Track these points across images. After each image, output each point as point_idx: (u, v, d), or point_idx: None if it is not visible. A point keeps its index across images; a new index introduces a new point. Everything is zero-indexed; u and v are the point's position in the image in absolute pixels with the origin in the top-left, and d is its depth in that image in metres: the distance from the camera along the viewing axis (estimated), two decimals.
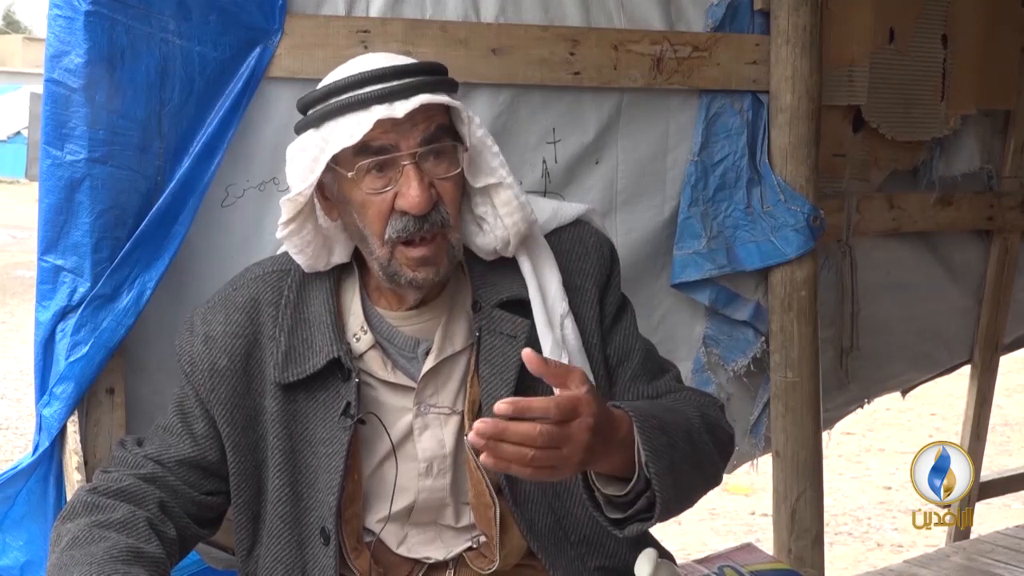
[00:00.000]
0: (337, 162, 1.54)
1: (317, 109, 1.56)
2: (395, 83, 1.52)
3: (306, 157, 1.55)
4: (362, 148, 1.51)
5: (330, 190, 1.59)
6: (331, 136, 1.53)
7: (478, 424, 1.29)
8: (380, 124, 1.50)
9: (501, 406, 1.29)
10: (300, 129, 1.59)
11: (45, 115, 1.83)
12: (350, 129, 1.51)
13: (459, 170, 1.57)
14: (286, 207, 1.58)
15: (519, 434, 1.30)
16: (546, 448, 1.31)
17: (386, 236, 1.54)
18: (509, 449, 1.30)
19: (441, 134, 1.55)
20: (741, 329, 2.57)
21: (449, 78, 1.60)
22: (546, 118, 2.28)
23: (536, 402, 1.32)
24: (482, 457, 1.32)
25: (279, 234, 1.61)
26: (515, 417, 1.30)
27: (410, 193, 1.51)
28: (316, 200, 1.61)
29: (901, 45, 2.82)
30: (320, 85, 1.60)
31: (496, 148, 1.62)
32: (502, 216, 1.62)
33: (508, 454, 1.30)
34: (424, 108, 1.51)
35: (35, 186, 2.02)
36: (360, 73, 1.54)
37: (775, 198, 2.49)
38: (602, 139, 2.35)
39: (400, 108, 1.50)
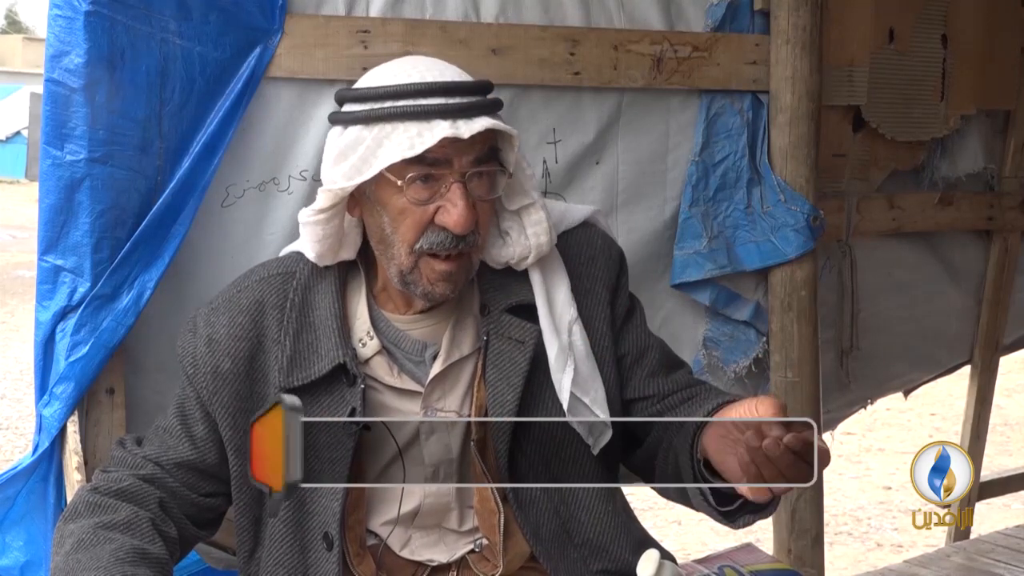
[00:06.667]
0: (385, 167, 1.51)
1: (370, 107, 1.52)
2: (458, 100, 1.51)
3: (355, 156, 1.52)
4: (416, 158, 1.50)
5: (360, 189, 1.57)
6: (386, 140, 1.50)
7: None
8: (442, 140, 1.48)
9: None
10: (343, 121, 1.55)
11: (45, 115, 1.83)
12: (411, 140, 1.49)
13: (498, 195, 1.58)
14: (324, 196, 1.56)
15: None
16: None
17: (417, 246, 1.53)
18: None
19: (491, 156, 1.55)
20: (743, 330, 2.57)
21: (499, 99, 1.60)
22: (546, 118, 2.28)
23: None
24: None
25: (304, 218, 1.59)
26: None
27: (456, 212, 1.50)
28: None
29: (901, 45, 2.82)
30: (367, 83, 1.57)
31: (531, 171, 1.62)
32: (529, 236, 1.62)
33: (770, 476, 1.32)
34: (482, 131, 1.50)
35: (35, 186, 2.02)
36: (424, 83, 1.52)
37: (775, 198, 2.49)
38: (602, 139, 2.35)
39: (465, 129, 1.49)
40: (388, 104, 1.52)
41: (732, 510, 1.48)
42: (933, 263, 3.04)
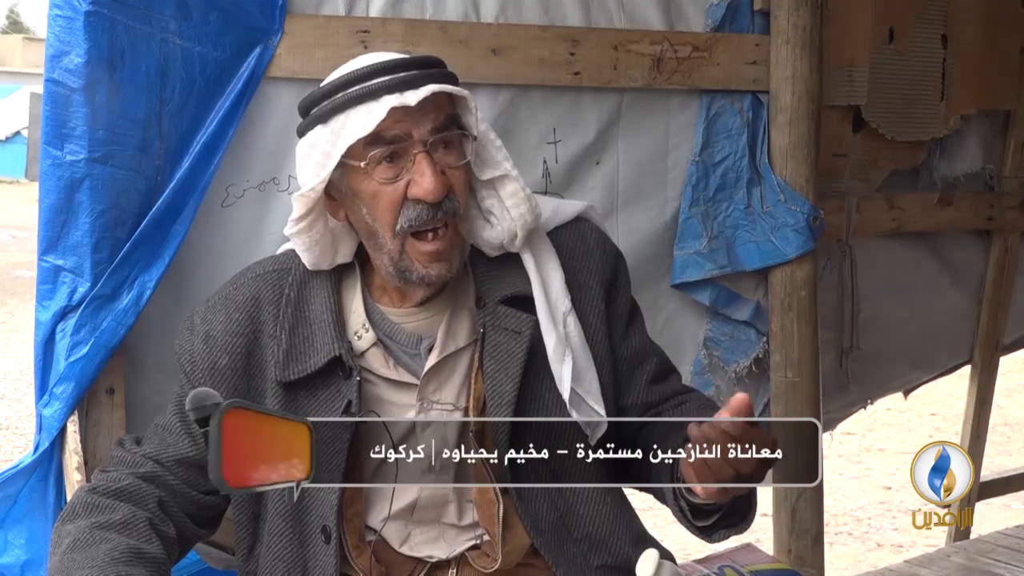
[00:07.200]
0: (348, 155, 1.54)
1: (324, 104, 1.56)
2: (403, 74, 1.54)
3: (317, 152, 1.56)
4: (374, 138, 1.53)
5: (337, 188, 1.59)
6: (342, 129, 1.54)
7: (707, 428, 1.37)
8: (393, 113, 1.51)
9: (730, 427, 1.36)
10: (307, 127, 1.59)
11: (45, 115, 1.83)
12: (363, 120, 1.52)
13: (468, 160, 1.59)
14: (298, 203, 1.59)
15: (736, 461, 1.37)
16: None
17: (398, 227, 1.55)
18: (717, 462, 1.37)
19: (450, 124, 1.57)
20: (743, 330, 2.57)
21: (451, 71, 1.62)
22: (546, 118, 2.28)
23: (756, 435, 1.38)
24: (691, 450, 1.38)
25: (288, 231, 1.61)
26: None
27: (424, 181, 1.52)
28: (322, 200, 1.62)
29: (901, 45, 2.82)
30: (321, 86, 1.60)
31: (499, 142, 1.64)
32: (509, 208, 1.64)
33: (713, 463, 1.37)
34: (434, 98, 1.53)
35: (35, 186, 2.02)
36: (368, 66, 1.56)
37: (775, 198, 2.49)
38: (602, 139, 2.35)
39: (412, 97, 1.51)
40: (339, 95, 1.55)
41: (708, 525, 1.53)
42: (933, 263, 3.04)
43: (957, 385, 3.90)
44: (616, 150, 2.38)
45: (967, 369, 3.32)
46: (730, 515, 1.52)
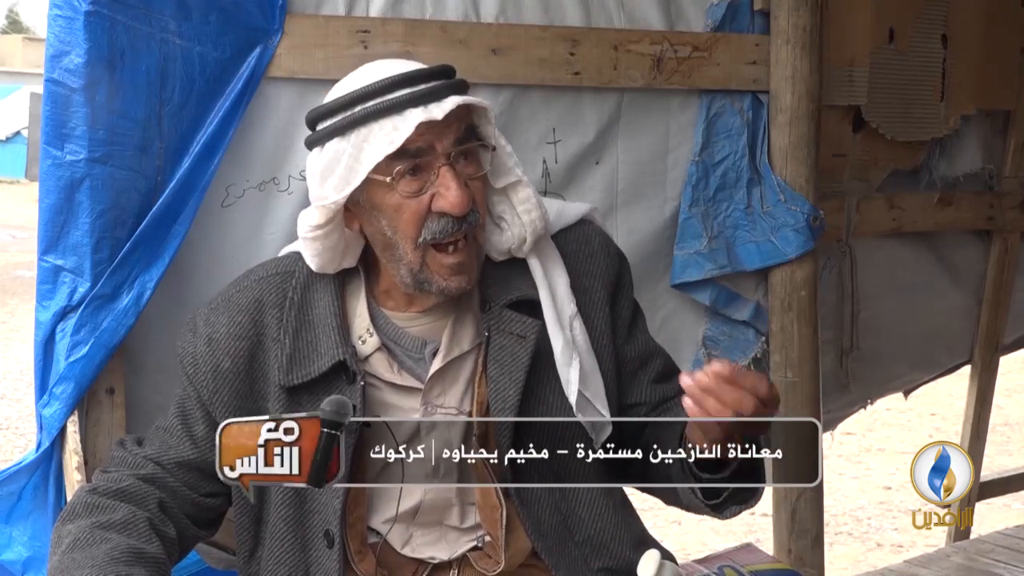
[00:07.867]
0: (371, 169, 1.53)
1: (344, 117, 1.54)
2: (424, 86, 1.53)
3: (340, 167, 1.54)
4: (399, 152, 1.51)
5: (354, 200, 1.58)
6: (365, 143, 1.52)
7: (700, 375, 1.36)
8: (419, 127, 1.50)
9: (720, 367, 1.37)
10: (321, 139, 1.57)
11: (45, 115, 1.83)
12: (388, 135, 1.50)
13: (486, 171, 1.59)
14: (320, 212, 1.57)
15: (732, 399, 1.37)
16: (744, 419, 1.38)
17: (420, 239, 1.54)
18: (714, 404, 1.37)
19: (470, 135, 1.57)
20: (742, 329, 2.57)
21: (464, 80, 1.61)
22: (546, 118, 2.28)
23: (750, 375, 1.39)
24: (687, 401, 1.39)
25: (304, 234, 1.60)
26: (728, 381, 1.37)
27: (450, 194, 1.52)
28: None
29: (901, 45, 2.82)
30: (332, 98, 1.58)
31: (510, 148, 1.64)
32: (520, 214, 1.64)
33: (711, 408, 1.37)
34: (456, 110, 1.52)
35: (35, 186, 2.02)
36: (387, 78, 1.54)
37: (775, 198, 2.49)
38: (602, 139, 2.35)
39: (437, 111, 1.50)
40: (359, 108, 1.53)
41: (719, 503, 1.52)
42: (933, 263, 3.04)
43: (957, 385, 3.90)
44: (616, 150, 2.38)
45: (967, 369, 3.32)
46: (739, 491, 1.51)
